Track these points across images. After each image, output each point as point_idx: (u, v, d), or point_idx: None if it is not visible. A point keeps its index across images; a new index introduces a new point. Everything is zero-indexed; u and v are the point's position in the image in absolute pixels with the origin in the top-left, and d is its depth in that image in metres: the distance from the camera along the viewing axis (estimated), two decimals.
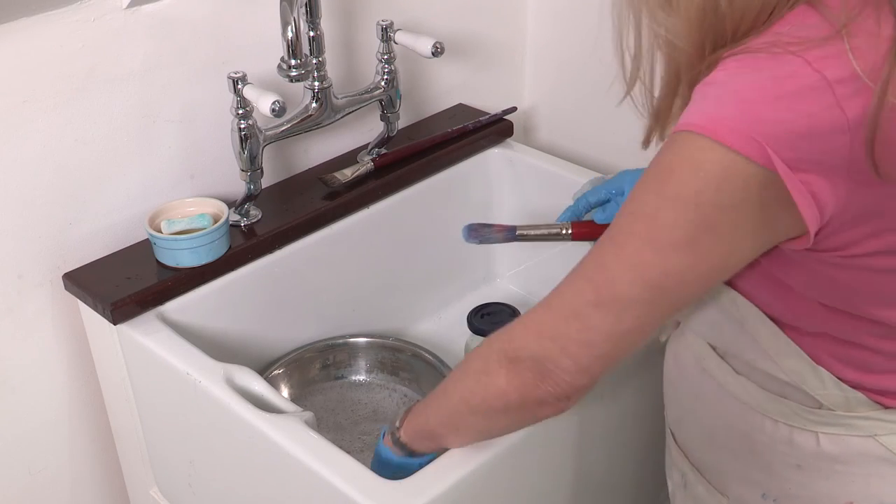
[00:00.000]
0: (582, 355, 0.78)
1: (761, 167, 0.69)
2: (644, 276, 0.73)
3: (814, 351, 0.85)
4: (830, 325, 0.83)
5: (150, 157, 1.28)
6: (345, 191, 1.38)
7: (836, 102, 0.68)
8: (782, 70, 0.69)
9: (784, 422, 0.89)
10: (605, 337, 0.77)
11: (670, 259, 0.72)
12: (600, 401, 1.11)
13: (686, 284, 0.75)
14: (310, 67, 1.26)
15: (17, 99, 1.14)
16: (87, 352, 1.30)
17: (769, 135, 0.68)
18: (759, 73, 0.69)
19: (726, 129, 0.68)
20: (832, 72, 0.68)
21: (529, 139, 1.73)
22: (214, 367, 1.11)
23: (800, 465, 0.89)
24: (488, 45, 1.62)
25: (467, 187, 1.51)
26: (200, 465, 1.21)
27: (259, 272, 1.29)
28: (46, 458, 1.34)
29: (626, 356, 0.79)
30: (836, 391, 0.85)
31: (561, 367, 0.78)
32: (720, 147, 0.68)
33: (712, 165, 0.69)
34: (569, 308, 0.77)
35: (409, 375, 1.37)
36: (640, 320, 0.76)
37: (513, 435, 1.02)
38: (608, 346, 0.77)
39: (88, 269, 1.24)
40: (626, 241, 0.74)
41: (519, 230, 1.16)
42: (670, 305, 0.76)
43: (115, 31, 1.18)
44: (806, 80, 0.68)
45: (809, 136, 0.68)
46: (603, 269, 0.75)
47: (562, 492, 1.15)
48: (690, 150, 0.70)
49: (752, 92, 0.69)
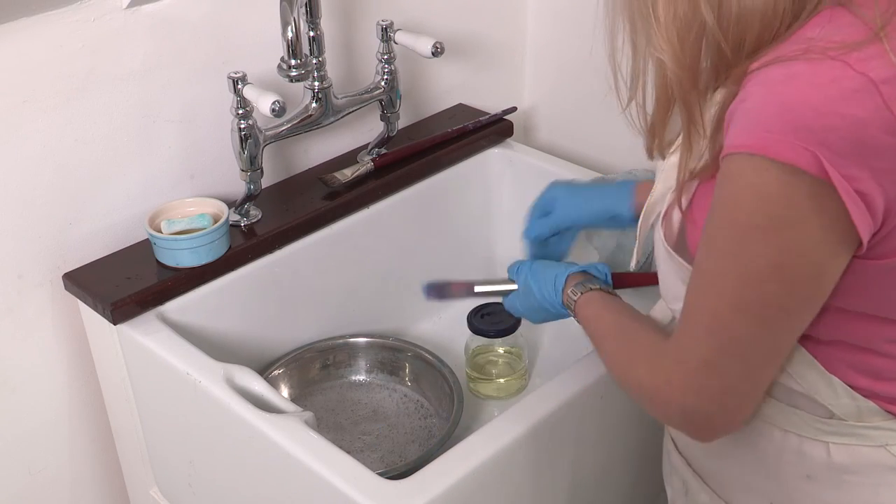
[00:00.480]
0: (729, 402, 0.80)
1: (817, 179, 0.67)
2: (749, 313, 0.74)
3: (827, 360, 0.83)
4: (847, 333, 0.81)
5: (150, 157, 1.28)
6: (345, 191, 1.38)
7: (883, 104, 0.66)
8: (824, 76, 0.67)
9: (794, 432, 0.87)
10: (740, 378, 0.78)
11: (766, 290, 0.72)
12: (599, 400, 1.11)
13: (790, 311, 0.74)
14: (310, 67, 1.26)
15: (17, 99, 1.14)
16: (87, 352, 1.30)
17: (819, 142, 0.66)
18: (798, 80, 0.68)
19: (776, 142, 0.67)
20: (877, 73, 0.67)
21: (529, 139, 1.73)
22: (214, 367, 1.11)
23: (809, 475, 0.87)
24: (488, 45, 1.62)
25: (467, 187, 1.51)
26: (200, 465, 1.21)
27: (259, 272, 1.29)
28: (46, 458, 1.34)
29: (771, 379, 0.81)
30: (847, 400, 0.84)
31: (714, 418, 0.81)
32: (776, 164, 0.67)
33: (775, 184, 0.68)
34: (698, 359, 0.78)
35: (409, 375, 1.37)
36: (769, 352, 0.77)
37: (512, 436, 1.02)
38: (748, 384, 0.79)
39: (88, 269, 1.24)
40: (722, 283, 0.74)
41: (477, 287, 1.18)
42: (788, 331, 0.77)
43: (115, 31, 1.18)
44: (850, 83, 0.67)
45: (860, 140, 0.67)
46: (713, 315, 0.76)
47: (560, 491, 1.15)
48: (748, 175, 0.69)
49: (796, 101, 0.67)
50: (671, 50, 0.74)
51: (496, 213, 1.55)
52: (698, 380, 0.79)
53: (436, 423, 1.30)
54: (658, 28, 0.74)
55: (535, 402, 1.06)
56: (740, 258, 0.72)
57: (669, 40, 0.74)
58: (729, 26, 0.72)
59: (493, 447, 1.01)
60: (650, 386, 0.83)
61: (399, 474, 1.03)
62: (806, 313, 0.76)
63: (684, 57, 0.74)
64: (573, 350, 1.19)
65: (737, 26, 0.72)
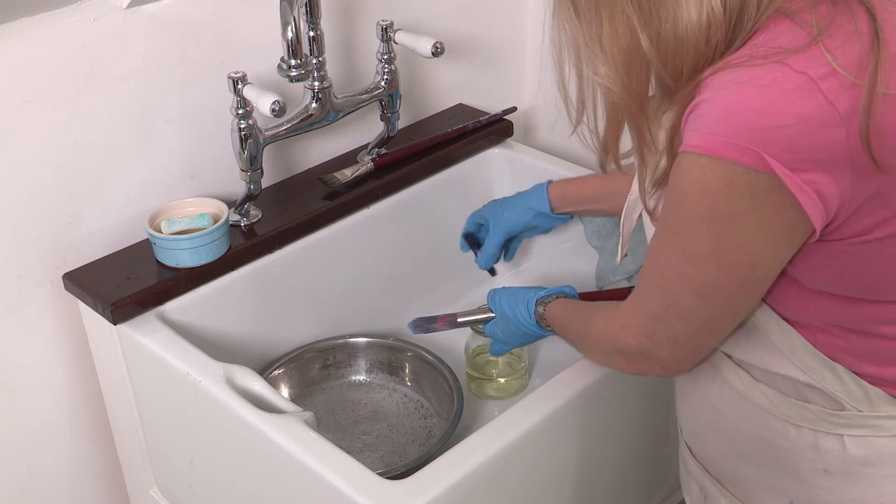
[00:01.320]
0: (674, 349, 0.88)
1: (762, 173, 0.72)
2: (690, 286, 0.82)
3: (826, 347, 0.85)
4: (842, 317, 0.83)
5: (149, 157, 1.28)
6: (345, 191, 1.38)
7: (824, 98, 0.70)
8: (765, 78, 0.72)
9: (808, 427, 0.88)
10: (686, 335, 0.86)
11: (704, 270, 0.80)
12: (599, 400, 1.11)
13: (727, 291, 0.81)
14: (310, 67, 1.26)
15: (17, 99, 1.14)
16: (87, 352, 1.30)
17: (763, 141, 0.71)
18: (741, 85, 0.72)
19: (721, 143, 0.72)
20: (816, 71, 0.71)
21: (529, 139, 1.73)
22: (214, 367, 1.11)
23: (827, 469, 0.88)
24: (488, 45, 1.62)
25: (467, 187, 1.51)
26: (200, 465, 1.21)
27: (259, 272, 1.29)
28: (46, 458, 1.34)
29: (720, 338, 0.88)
30: (855, 387, 0.85)
31: (661, 357, 0.89)
32: (720, 162, 0.73)
33: (717, 182, 0.74)
34: (649, 312, 0.87)
35: (409, 375, 1.37)
36: (709, 321, 0.85)
37: (512, 437, 1.02)
38: (692, 342, 0.87)
39: (88, 269, 1.24)
40: (670, 254, 0.82)
41: (459, 318, 1.24)
42: (727, 308, 0.84)
43: (115, 31, 1.18)
44: (791, 82, 0.71)
45: (804, 134, 0.71)
46: (662, 279, 0.84)
47: (561, 491, 1.15)
48: (695, 172, 0.75)
49: (739, 103, 0.72)
50: (618, 79, 0.80)
51: None
52: (648, 327, 0.88)
53: (436, 423, 1.30)
54: (605, 60, 0.80)
55: (534, 403, 1.06)
56: (685, 240, 0.79)
57: (616, 70, 0.79)
58: (667, 56, 0.77)
59: (493, 447, 1.01)
60: (608, 333, 0.94)
61: (399, 474, 1.03)
62: (745, 295, 0.83)
63: (631, 84, 0.80)
64: (573, 350, 1.19)
65: (674, 57, 0.77)
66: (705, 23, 0.75)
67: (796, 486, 0.91)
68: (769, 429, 0.90)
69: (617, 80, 0.79)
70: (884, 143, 0.71)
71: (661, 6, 0.76)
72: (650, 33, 0.77)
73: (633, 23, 0.77)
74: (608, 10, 0.78)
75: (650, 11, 0.76)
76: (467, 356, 1.36)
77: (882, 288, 0.81)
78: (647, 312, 0.87)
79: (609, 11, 0.78)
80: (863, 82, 0.70)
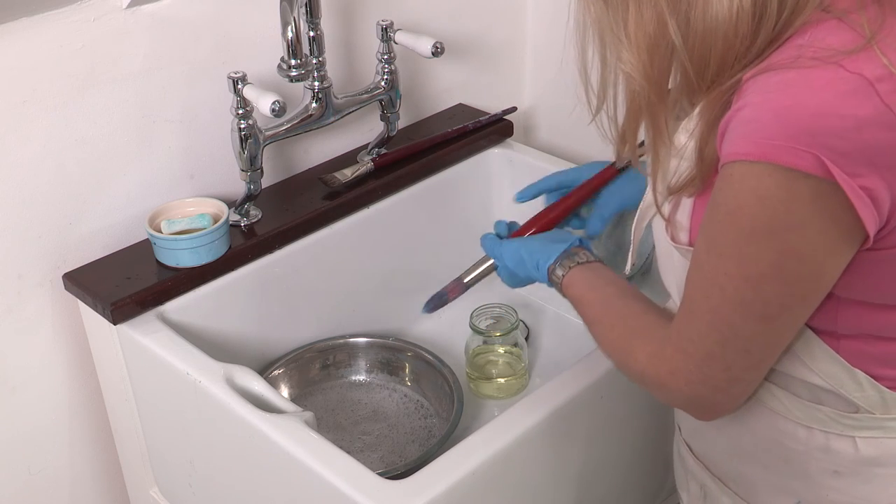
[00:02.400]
0: (732, 389, 0.83)
1: (821, 178, 0.69)
2: (751, 312, 0.76)
3: (849, 353, 0.83)
4: (867, 324, 0.81)
5: (149, 157, 1.28)
6: (345, 191, 1.38)
7: (881, 101, 0.68)
8: (819, 79, 0.69)
9: (819, 428, 0.87)
10: (744, 369, 0.81)
11: (767, 290, 0.75)
12: (600, 400, 1.11)
13: (790, 308, 0.77)
14: (310, 67, 1.26)
15: (17, 99, 1.14)
16: (87, 352, 1.30)
17: (822, 144, 0.68)
18: (793, 87, 0.70)
19: (777, 148, 0.69)
20: (871, 72, 0.69)
21: (529, 139, 1.73)
22: (214, 367, 1.11)
23: (838, 470, 0.87)
24: (488, 45, 1.62)
25: (467, 187, 1.51)
26: (200, 465, 1.21)
27: (259, 272, 1.29)
28: (46, 458, 1.34)
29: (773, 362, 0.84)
30: (872, 392, 0.84)
31: (715, 401, 0.84)
32: (777, 168, 0.69)
33: (777, 189, 0.70)
34: (704, 353, 0.80)
35: (409, 375, 1.37)
36: (771, 344, 0.80)
37: (512, 437, 1.02)
38: (751, 374, 0.83)
39: (88, 269, 1.24)
40: (725, 283, 0.76)
41: (465, 279, 1.18)
42: (789, 324, 0.79)
43: (115, 31, 1.18)
44: (845, 84, 0.69)
45: (861, 138, 0.68)
46: (714, 313, 0.78)
47: (561, 491, 1.15)
48: (750, 182, 0.71)
49: (793, 106, 0.69)
50: (640, 66, 0.77)
51: (496, 213, 1.54)
52: (703, 370, 0.81)
53: (436, 423, 1.30)
54: (629, 45, 0.77)
55: (535, 403, 1.06)
56: (742, 261, 0.74)
57: (639, 57, 0.77)
58: (694, 46, 0.75)
59: (493, 447, 1.01)
60: (653, 374, 0.85)
61: (399, 474, 1.03)
62: (806, 308, 0.78)
63: (653, 73, 0.77)
64: (573, 350, 1.19)
65: (702, 45, 0.74)
66: (735, 12, 0.72)
67: (805, 487, 0.90)
68: (778, 430, 0.89)
69: (639, 66, 0.77)
70: None
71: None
72: (679, 19, 0.74)
73: (662, 7, 0.74)
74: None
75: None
76: (467, 356, 1.36)
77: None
78: (700, 355, 0.81)
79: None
80: None
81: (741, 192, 0.72)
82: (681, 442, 1.03)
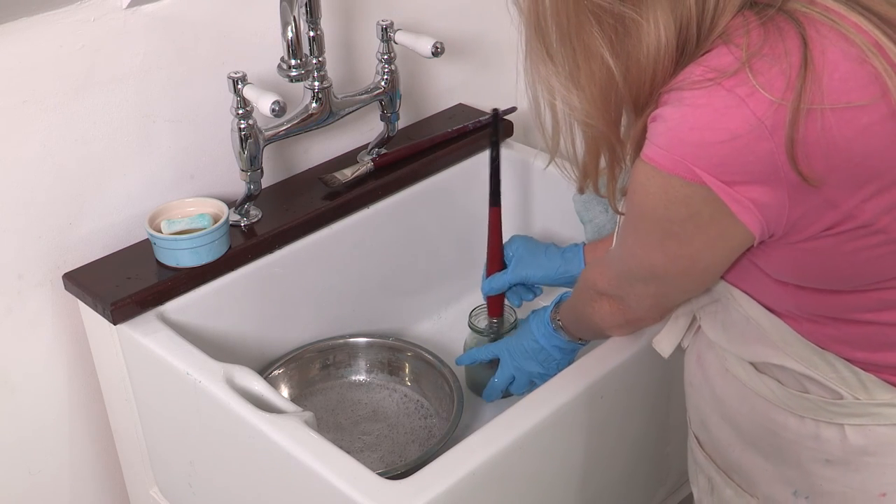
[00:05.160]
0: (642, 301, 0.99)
1: (696, 185, 0.78)
2: (642, 265, 0.92)
3: (815, 337, 0.88)
4: (822, 307, 0.86)
5: (150, 157, 1.28)
6: (345, 191, 1.38)
7: (752, 114, 0.75)
8: (701, 98, 0.78)
9: (809, 417, 0.90)
10: (638, 297, 0.98)
11: (652, 256, 0.89)
12: (599, 400, 1.11)
13: (673, 276, 0.90)
14: (310, 67, 1.26)
15: (17, 99, 1.14)
16: (87, 352, 1.30)
17: (695, 155, 0.77)
18: (682, 103, 0.79)
19: (660, 156, 0.79)
20: (744, 90, 0.76)
21: (529, 139, 1.73)
22: (214, 367, 1.11)
23: (828, 459, 0.91)
24: (488, 45, 1.62)
25: (467, 187, 1.51)
26: (200, 465, 1.21)
27: (259, 272, 1.29)
28: (46, 458, 1.34)
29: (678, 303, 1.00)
30: (848, 374, 0.87)
31: (632, 305, 1.00)
32: (659, 173, 0.80)
33: (657, 189, 0.81)
34: (617, 271, 0.99)
35: (409, 375, 1.37)
36: (660, 293, 0.96)
37: (512, 437, 1.02)
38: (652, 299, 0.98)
39: (88, 269, 1.24)
40: (626, 237, 0.94)
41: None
42: (674, 287, 0.94)
43: (115, 31, 1.18)
44: (722, 101, 0.77)
45: (735, 149, 0.76)
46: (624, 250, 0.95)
47: (561, 491, 1.15)
48: (640, 178, 0.83)
49: (679, 120, 0.79)
50: (598, 113, 0.85)
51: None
52: (619, 279, 1.00)
53: (436, 423, 1.30)
54: (582, 96, 0.85)
55: (535, 403, 1.06)
56: (637, 230, 0.89)
57: (595, 105, 0.85)
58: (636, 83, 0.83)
59: (493, 447, 1.01)
60: (591, 276, 1.06)
61: (399, 474, 1.03)
62: (689, 281, 0.92)
63: (610, 115, 0.86)
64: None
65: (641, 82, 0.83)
66: (664, 47, 0.81)
67: (799, 476, 0.93)
68: (772, 420, 0.93)
69: (597, 114, 0.85)
70: (810, 158, 0.76)
71: (627, 38, 0.81)
72: (620, 67, 0.82)
73: (607, 59, 0.82)
74: (581, 50, 0.82)
75: (619, 46, 0.81)
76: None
77: (851, 279, 0.84)
78: (615, 270, 1.00)
79: (583, 51, 0.82)
80: (789, 100, 0.75)
81: (636, 183, 0.84)
82: (691, 435, 1.07)
